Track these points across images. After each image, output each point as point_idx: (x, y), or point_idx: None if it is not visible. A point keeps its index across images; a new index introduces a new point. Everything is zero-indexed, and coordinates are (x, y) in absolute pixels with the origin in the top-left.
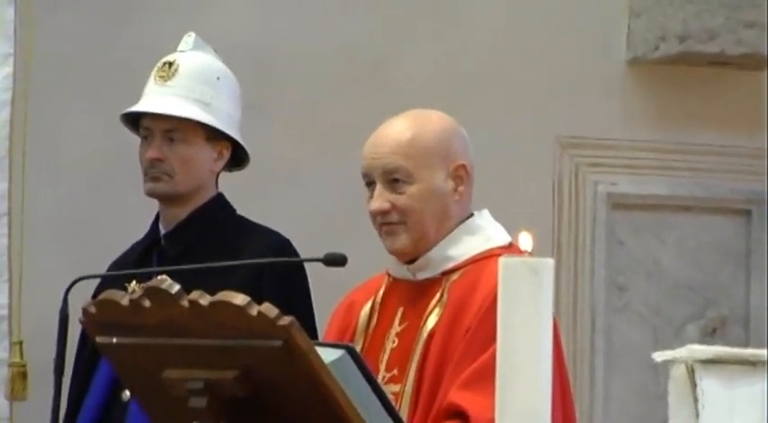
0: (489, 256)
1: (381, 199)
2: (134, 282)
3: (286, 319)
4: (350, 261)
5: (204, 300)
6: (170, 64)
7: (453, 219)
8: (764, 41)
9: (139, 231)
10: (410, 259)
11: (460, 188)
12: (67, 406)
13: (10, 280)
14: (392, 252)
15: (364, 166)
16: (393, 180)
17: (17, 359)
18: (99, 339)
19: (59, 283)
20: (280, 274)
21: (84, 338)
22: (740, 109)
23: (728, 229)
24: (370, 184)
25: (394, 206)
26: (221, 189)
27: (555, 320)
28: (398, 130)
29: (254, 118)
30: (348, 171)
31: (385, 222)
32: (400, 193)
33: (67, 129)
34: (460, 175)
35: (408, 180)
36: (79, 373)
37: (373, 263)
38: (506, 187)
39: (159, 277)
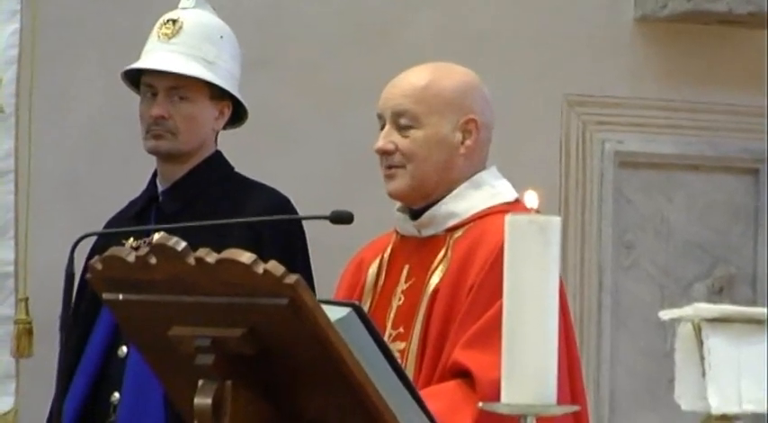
0: (494, 213)
1: (386, 139)
2: (131, 238)
3: (292, 278)
4: (356, 221)
5: (211, 257)
6: (174, 21)
7: (457, 172)
8: None
9: (143, 189)
10: (414, 213)
11: (467, 142)
12: (65, 362)
13: (16, 237)
14: (390, 194)
15: (379, 105)
16: (401, 123)
17: (23, 316)
18: (105, 296)
19: (65, 239)
20: (279, 232)
21: (81, 294)
22: (748, 67)
23: (737, 188)
24: (384, 126)
25: (397, 148)
26: (223, 146)
27: (561, 281)
28: (417, 75)
29: (257, 75)
30: (349, 131)
31: (387, 164)
32: (405, 137)
33: (74, 86)
34: (470, 129)
35: (415, 124)
36: (78, 327)
37: (378, 223)
38: (513, 146)
39: (163, 234)
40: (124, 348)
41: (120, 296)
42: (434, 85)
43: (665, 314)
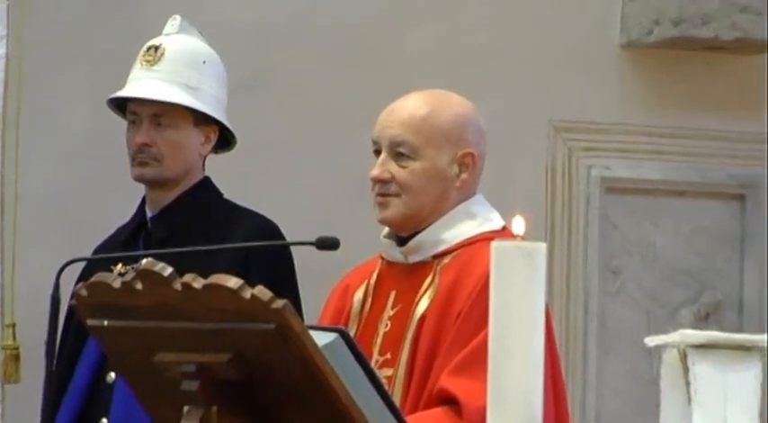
0: (481, 240)
1: (382, 168)
2: (120, 264)
3: (280, 303)
4: (342, 245)
5: (197, 283)
6: (156, 48)
7: (450, 203)
8: (759, 26)
9: (131, 213)
10: (401, 240)
11: (463, 175)
12: (53, 388)
13: (2, 262)
14: (381, 221)
15: (375, 132)
16: (398, 152)
17: (10, 342)
18: (90, 322)
19: (53, 265)
20: (266, 258)
21: (69, 320)
22: (734, 93)
23: (723, 214)
24: (378, 152)
25: (393, 178)
26: (211, 170)
27: (547, 306)
28: (416, 104)
29: (247, 98)
30: (339, 156)
31: (381, 193)
32: (402, 167)
33: (61, 111)
34: (467, 162)
35: (413, 156)
36: (64, 356)
37: (365, 248)
38: (500, 171)
39: (149, 260)
40: (112, 374)
41: (106, 322)
42: (433, 117)
43: (652, 340)
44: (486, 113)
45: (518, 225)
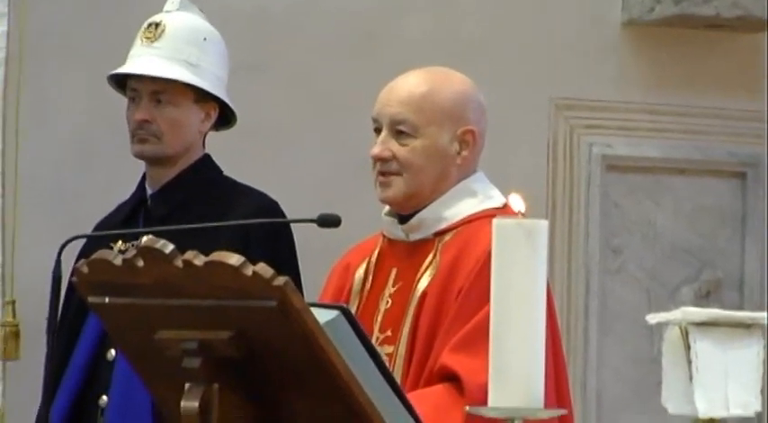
0: (482, 217)
1: (383, 146)
2: (120, 242)
3: (281, 280)
4: (343, 224)
5: (198, 260)
6: (156, 25)
7: (451, 181)
8: (760, 3)
9: (130, 192)
10: (402, 218)
11: (464, 153)
12: (53, 366)
13: (2, 239)
14: (383, 200)
15: (375, 110)
16: (399, 131)
17: (10, 319)
18: (91, 299)
19: (53, 242)
20: (267, 235)
21: (70, 297)
22: (735, 71)
23: (724, 192)
24: (378, 130)
25: (394, 156)
26: (212, 149)
27: (548, 285)
28: (416, 82)
29: (247, 78)
30: (338, 135)
31: (382, 171)
32: (403, 145)
33: (62, 89)
34: (467, 140)
35: (413, 134)
36: (64, 332)
37: (365, 226)
38: (501, 149)
39: (150, 237)
40: (113, 352)
41: (107, 299)
42: (434, 95)
43: (653, 318)
44: (488, 92)
45: (516, 202)
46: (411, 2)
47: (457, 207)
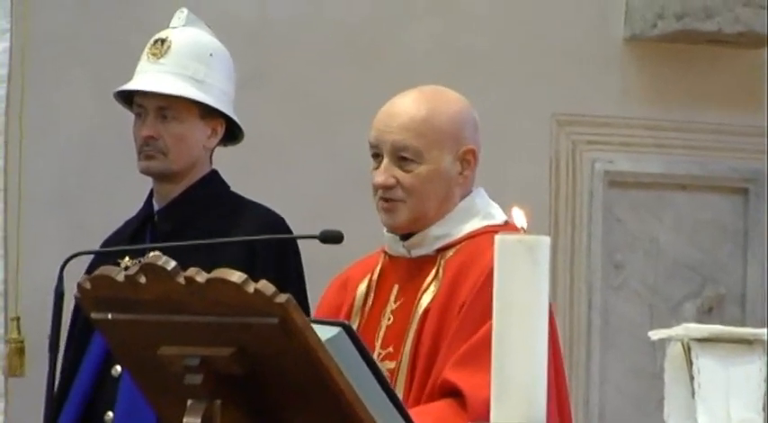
0: (484, 233)
1: (387, 174)
2: (127, 258)
3: (283, 297)
4: (346, 239)
5: (201, 277)
6: (162, 41)
7: (454, 201)
8: (762, 19)
9: (136, 207)
10: (404, 234)
11: (466, 172)
12: (59, 382)
13: (6, 256)
14: (388, 227)
15: (374, 136)
16: (401, 157)
17: (14, 335)
18: (94, 315)
19: (57, 258)
20: (273, 251)
21: (77, 314)
22: (737, 87)
23: (726, 208)
24: (377, 155)
25: (399, 183)
26: (216, 164)
27: (550, 305)
28: (414, 106)
29: (249, 93)
30: (344, 148)
31: (386, 197)
32: (407, 171)
33: (64, 104)
34: (468, 159)
35: (417, 159)
36: (71, 349)
37: (368, 241)
38: (503, 165)
39: (154, 254)
40: (118, 368)
41: (110, 315)
42: (434, 118)
43: (655, 334)
44: (490, 107)
45: (519, 217)
46: (412, 15)
47: (459, 224)
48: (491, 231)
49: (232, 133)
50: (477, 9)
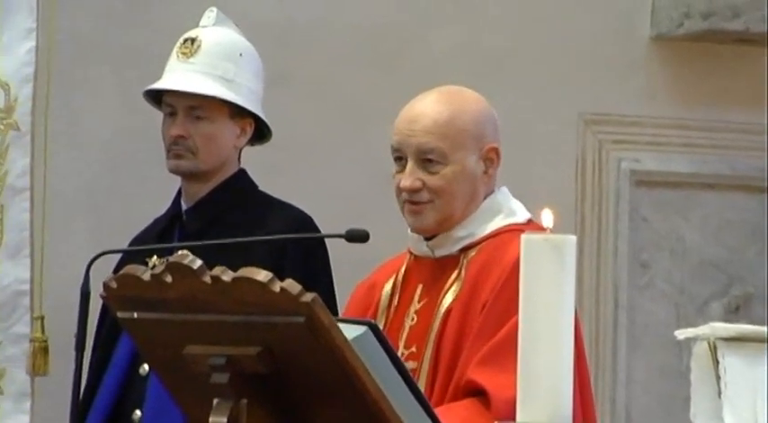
0: (507, 231)
1: (413, 177)
2: (155, 257)
3: (309, 296)
4: (371, 238)
5: (226, 276)
6: (192, 40)
7: (479, 200)
8: None
9: (161, 206)
10: (429, 235)
11: (490, 170)
12: (87, 380)
13: (32, 255)
14: (415, 230)
15: (397, 140)
16: (426, 159)
17: (39, 334)
18: (120, 314)
19: (81, 258)
20: (301, 250)
21: (104, 314)
22: (764, 86)
23: (753, 207)
24: (400, 158)
25: (425, 185)
26: (243, 164)
27: (576, 311)
28: (436, 108)
29: (274, 91)
30: (369, 147)
31: (413, 200)
32: (432, 173)
33: (90, 104)
34: (491, 157)
35: (442, 161)
36: (99, 348)
37: (395, 240)
38: (530, 164)
39: (181, 252)
40: (146, 367)
41: (135, 314)
42: (456, 119)
43: (681, 333)
44: (517, 107)
45: (547, 218)
46: (438, 15)
47: (483, 224)
48: (514, 230)
49: (260, 132)
50: (502, 10)
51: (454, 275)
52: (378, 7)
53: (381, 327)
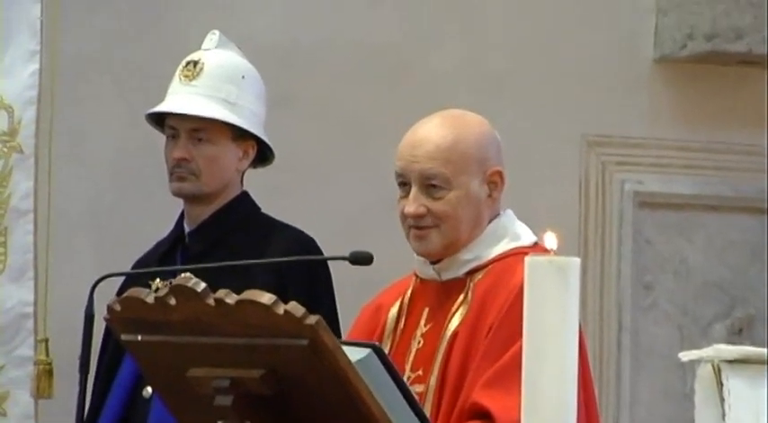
0: (513, 255)
1: (417, 203)
2: (158, 279)
3: (312, 318)
4: (376, 260)
5: (230, 298)
6: (195, 63)
7: (484, 224)
8: None
9: (165, 229)
10: (436, 259)
11: (494, 194)
12: (91, 403)
13: (36, 277)
14: (421, 254)
15: (400, 166)
16: (430, 185)
17: (43, 357)
18: (124, 337)
19: (85, 280)
20: (303, 272)
21: (108, 336)
22: (765, 108)
23: (755, 229)
24: (404, 184)
25: (429, 211)
26: (246, 185)
27: (580, 327)
28: (439, 133)
29: (276, 113)
30: (373, 167)
31: (418, 226)
32: (437, 199)
33: (93, 126)
34: (495, 180)
35: (446, 186)
36: (102, 371)
37: (398, 261)
38: (533, 186)
39: (184, 275)
40: (149, 389)
41: (139, 337)
42: (459, 143)
43: (685, 355)
44: (520, 128)
45: (550, 241)
46: (440, 35)
47: (489, 247)
48: (519, 253)
49: (262, 155)
50: (507, 29)
51: (461, 299)
52: (379, 29)
53: (387, 350)
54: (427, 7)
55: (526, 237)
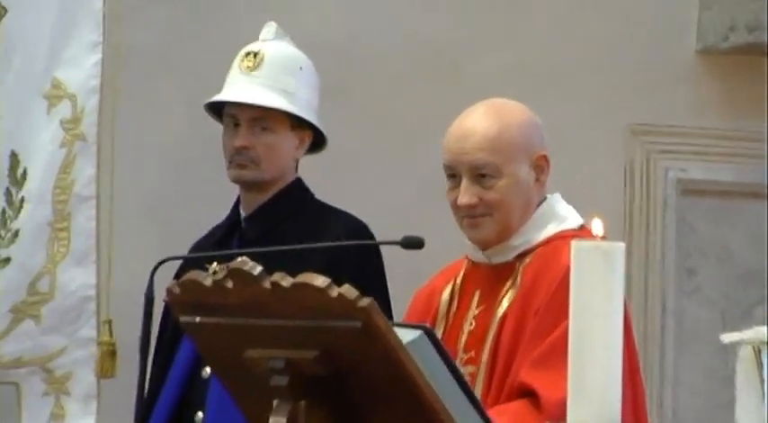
0: (560, 237)
1: (469, 194)
2: (215, 263)
3: (365, 301)
4: (426, 247)
5: (286, 281)
6: (255, 54)
7: (533, 208)
8: None
9: (222, 214)
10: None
11: (541, 178)
12: (150, 383)
13: (98, 261)
14: (475, 242)
15: (449, 159)
16: (480, 175)
17: (106, 338)
18: (183, 319)
19: (146, 263)
20: (357, 256)
21: (166, 318)
22: None
23: None
24: (453, 176)
25: (481, 200)
26: (301, 174)
27: (626, 304)
28: (484, 124)
29: (331, 104)
30: (422, 158)
31: (470, 215)
32: (488, 188)
33: (154, 115)
34: (541, 165)
35: (496, 175)
36: (161, 352)
37: (449, 248)
38: (579, 173)
39: (241, 259)
40: (208, 369)
41: (198, 319)
42: (505, 132)
43: (727, 337)
44: (567, 119)
45: (597, 226)
46: (491, 33)
47: (538, 230)
48: (566, 236)
49: (314, 142)
50: (553, 23)
51: (510, 282)
52: (432, 28)
53: (440, 332)
54: (478, 6)
55: (572, 219)
